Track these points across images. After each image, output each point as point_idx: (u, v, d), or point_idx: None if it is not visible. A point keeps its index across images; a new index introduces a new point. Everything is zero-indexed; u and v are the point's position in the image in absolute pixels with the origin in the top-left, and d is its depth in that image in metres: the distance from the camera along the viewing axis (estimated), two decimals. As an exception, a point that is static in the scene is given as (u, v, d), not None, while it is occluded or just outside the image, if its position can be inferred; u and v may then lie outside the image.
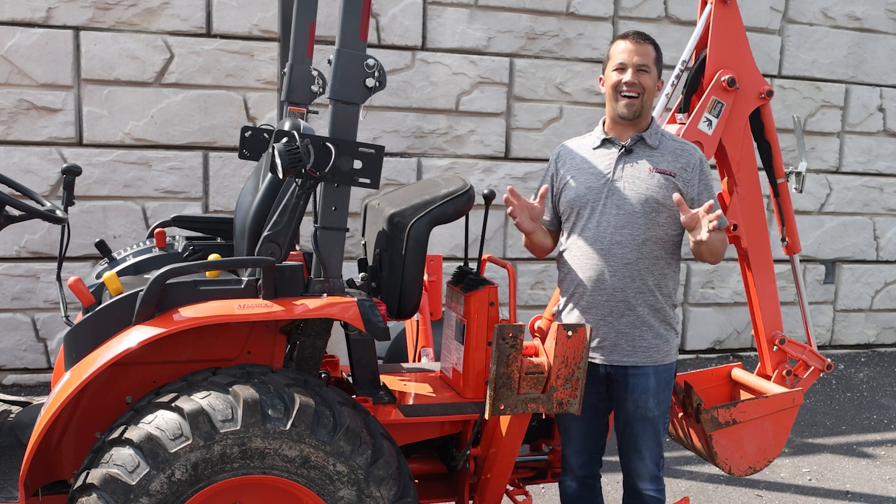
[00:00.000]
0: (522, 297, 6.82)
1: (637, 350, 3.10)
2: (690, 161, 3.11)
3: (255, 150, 4.02)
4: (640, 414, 3.13)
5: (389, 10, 6.30)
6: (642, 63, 3.06)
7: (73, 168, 3.55)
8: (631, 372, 3.11)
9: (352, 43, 2.65)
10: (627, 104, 3.07)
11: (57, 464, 2.90)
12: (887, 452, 5.56)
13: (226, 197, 6.07)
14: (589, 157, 3.18)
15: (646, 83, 3.07)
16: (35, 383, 5.89)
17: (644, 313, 3.08)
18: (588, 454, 3.29)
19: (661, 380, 3.13)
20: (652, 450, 3.18)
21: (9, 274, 5.74)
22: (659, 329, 3.11)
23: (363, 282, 3.05)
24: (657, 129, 3.17)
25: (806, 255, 7.55)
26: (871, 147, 7.70)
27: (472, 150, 6.61)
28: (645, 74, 3.07)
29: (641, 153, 3.11)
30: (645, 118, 3.13)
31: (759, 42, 7.11)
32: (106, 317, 2.74)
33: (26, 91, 5.63)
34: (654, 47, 3.12)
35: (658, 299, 3.10)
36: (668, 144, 3.14)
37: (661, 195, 3.05)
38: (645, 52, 3.07)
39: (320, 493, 2.64)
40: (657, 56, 3.12)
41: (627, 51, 3.07)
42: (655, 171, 3.07)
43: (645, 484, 3.21)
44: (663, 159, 3.10)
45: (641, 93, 3.06)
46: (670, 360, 3.17)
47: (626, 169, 3.10)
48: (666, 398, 3.18)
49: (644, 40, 3.10)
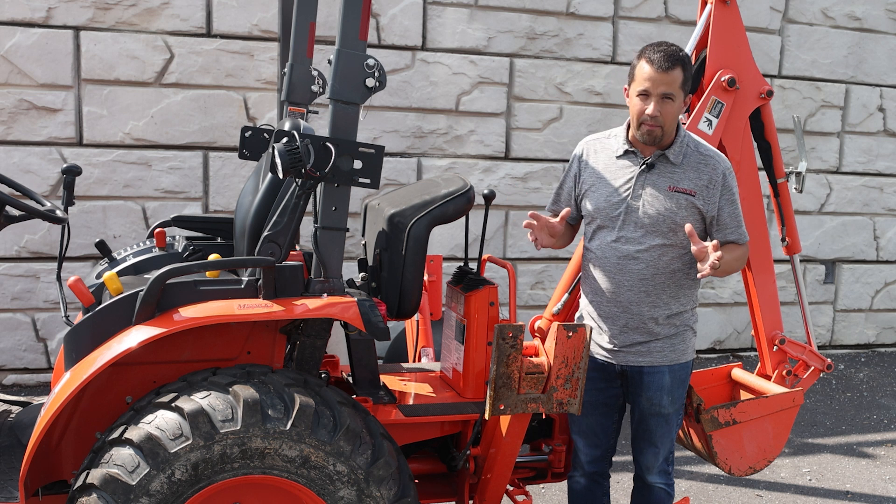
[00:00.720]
0: (522, 297, 6.82)
1: (652, 352, 3.12)
2: (713, 177, 3.03)
3: (255, 150, 4.02)
4: (654, 410, 3.17)
5: (389, 10, 6.30)
6: (667, 92, 2.92)
7: (73, 168, 3.55)
8: (647, 371, 3.14)
9: (352, 43, 2.65)
10: (648, 132, 2.99)
11: (57, 464, 2.90)
12: (887, 452, 5.56)
13: (226, 197, 6.07)
14: (611, 165, 3.12)
15: (669, 113, 2.95)
16: (35, 383, 5.89)
17: (658, 325, 3.10)
18: (599, 451, 3.32)
19: (676, 378, 3.16)
20: (665, 444, 3.23)
21: (9, 274, 5.74)
22: (674, 332, 3.13)
23: (363, 282, 3.05)
24: (682, 142, 3.06)
25: (806, 255, 7.55)
26: (871, 147, 7.70)
27: (472, 150, 6.61)
28: (669, 103, 2.95)
29: (663, 169, 3.04)
30: (667, 139, 3.04)
31: (759, 42, 7.11)
32: (106, 317, 2.74)
33: (26, 91, 5.62)
34: (683, 68, 2.94)
35: (673, 309, 3.11)
36: (692, 158, 3.05)
37: (680, 216, 3.01)
38: (671, 80, 2.91)
39: (320, 493, 2.64)
40: (685, 78, 2.95)
41: (652, 80, 2.91)
42: (675, 190, 3.01)
43: (655, 478, 3.27)
44: (685, 176, 3.03)
45: (663, 124, 2.97)
46: (686, 358, 3.19)
47: (646, 187, 3.04)
48: (681, 395, 3.21)
49: (671, 67, 2.90)
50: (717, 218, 3.06)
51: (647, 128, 2.98)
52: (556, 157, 6.80)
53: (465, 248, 3.50)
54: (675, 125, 3.04)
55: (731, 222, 3.08)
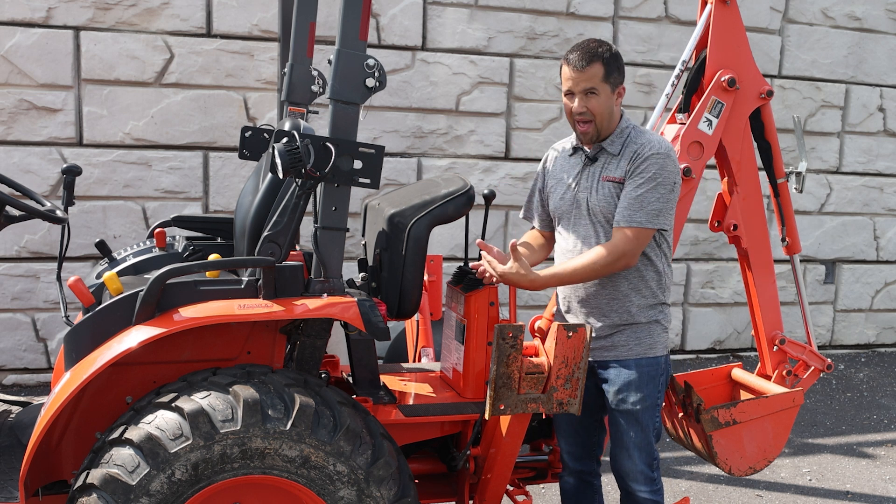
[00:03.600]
0: (522, 297, 6.82)
1: (616, 346, 3.10)
2: (635, 159, 2.98)
3: (255, 150, 4.02)
4: (622, 408, 3.08)
5: (389, 10, 6.30)
6: (588, 87, 2.95)
7: (73, 168, 3.55)
8: (612, 365, 3.11)
9: (352, 43, 2.65)
10: (582, 132, 3.05)
11: (57, 464, 2.90)
12: (887, 452, 5.56)
13: (226, 197, 6.07)
14: (565, 164, 3.20)
15: (596, 106, 2.98)
16: (35, 383, 5.89)
17: (619, 318, 3.08)
18: (582, 449, 3.29)
19: (643, 373, 3.07)
20: (641, 448, 3.11)
21: (9, 274, 5.74)
22: (638, 327, 3.09)
23: (363, 282, 3.05)
24: (623, 133, 3.06)
25: (806, 255, 7.55)
26: (871, 147, 7.70)
27: (472, 150, 6.61)
28: (594, 97, 2.97)
29: (602, 161, 3.08)
30: (605, 131, 3.05)
31: (759, 42, 7.11)
32: (106, 317, 2.74)
33: (26, 91, 5.63)
34: (602, 62, 2.95)
35: (634, 302, 3.08)
36: (629, 148, 3.03)
37: (613, 205, 3.01)
38: (589, 76, 2.94)
39: (320, 493, 2.64)
40: (606, 71, 2.95)
41: (572, 79, 2.97)
42: (607, 179, 3.03)
43: (637, 485, 3.14)
44: (619, 165, 3.02)
45: (593, 118, 3.00)
46: (654, 353, 3.10)
47: (585, 179, 3.10)
48: (651, 394, 3.08)
49: (587, 65, 2.94)
50: (622, 195, 2.99)
51: (579, 127, 3.04)
52: (556, 157, 6.79)
53: (465, 248, 3.50)
54: (609, 118, 3.03)
55: (626, 202, 2.95)
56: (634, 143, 3.03)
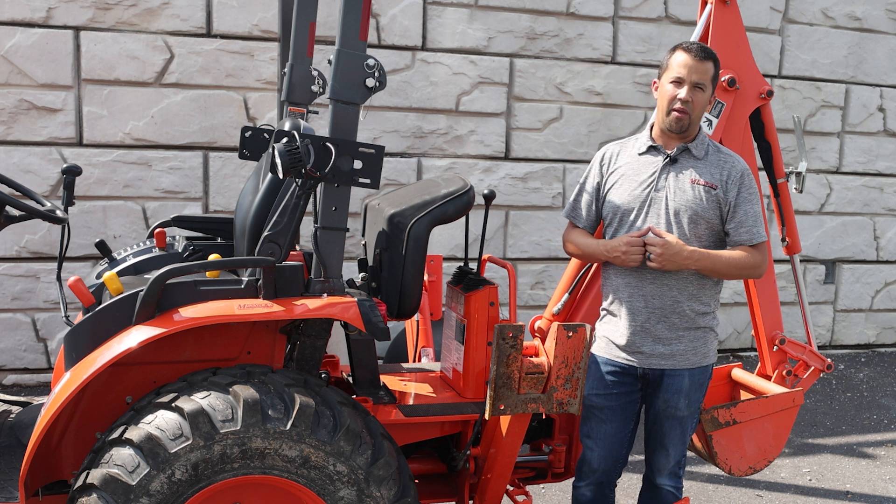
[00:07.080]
0: (522, 297, 6.82)
1: (675, 354, 3.11)
2: (732, 173, 3.09)
3: (255, 150, 4.02)
4: (669, 413, 3.17)
5: (389, 10, 6.30)
6: (700, 81, 3.03)
7: (73, 168, 3.55)
8: (667, 374, 3.13)
9: (352, 43, 2.65)
10: (677, 119, 3.05)
11: (57, 464, 2.90)
12: (887, 452, 5.56)
13: (226, 197, 6.07)
14: (634, 163, 3.17)
15: (699, 101, 3.05)
16: (35, 383, 5.89)
17: (681, 321, 3.09)
18: (612, 461, 3.28)
19: (694, 381, 3.15)
20: (677, 448, 3.23)
21: (9, 274, 5.74)
22: (696, 334, 3.12)
23: (363, 282, 3.05)
24: (704, 140, 3.15)
25: (806, 255, 7.55)
26: (871, 147, 7.70)
27: (472, 150, 6.61)
28: (700, 92, 3.05)
29: (686, 163, 3.11)
30: (692, 130, 3.11)
31: (759, 42, 7.11)
32: (106, 317, 2.74)
33: (26, 91, 5.62)
34: (714, 63, 3.08)
35: (695, 307, 3.10)
36: (712, 156, 3.13)
37: (702, 207, 3.05)
38: (704, 69, 3.04)
39: (320, 493, 2.64)
40: (715, 73, 3.09)
41: (687, 66, 3.03)
42: (698, 182, 3.06)
43: (664, 480, 3.27)
44: (706, 171, 3.08)
45: (690, 112, 3.04)
46: (707, 362, 3.19)
47: (669, 179, 3.09)
48: (697, 399, 3.20)
49: (705, 58, 3.05)
50: (734, 214, 3.07)
51: (676, 114, 3.05)
52: (556, 157, 6.80)
53: (465, 248, 3.50)
54: (699, 119, 3.11)
55: (746, 219, 3.07)
56: (720, 153, 3.14)
